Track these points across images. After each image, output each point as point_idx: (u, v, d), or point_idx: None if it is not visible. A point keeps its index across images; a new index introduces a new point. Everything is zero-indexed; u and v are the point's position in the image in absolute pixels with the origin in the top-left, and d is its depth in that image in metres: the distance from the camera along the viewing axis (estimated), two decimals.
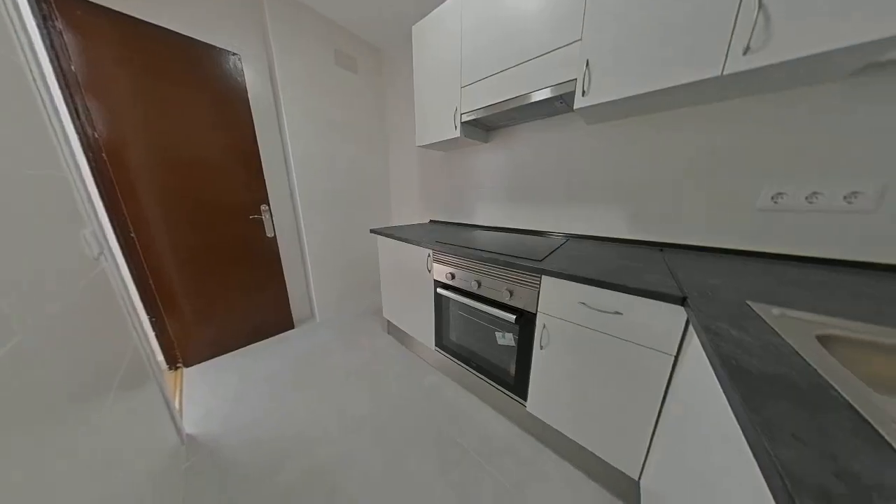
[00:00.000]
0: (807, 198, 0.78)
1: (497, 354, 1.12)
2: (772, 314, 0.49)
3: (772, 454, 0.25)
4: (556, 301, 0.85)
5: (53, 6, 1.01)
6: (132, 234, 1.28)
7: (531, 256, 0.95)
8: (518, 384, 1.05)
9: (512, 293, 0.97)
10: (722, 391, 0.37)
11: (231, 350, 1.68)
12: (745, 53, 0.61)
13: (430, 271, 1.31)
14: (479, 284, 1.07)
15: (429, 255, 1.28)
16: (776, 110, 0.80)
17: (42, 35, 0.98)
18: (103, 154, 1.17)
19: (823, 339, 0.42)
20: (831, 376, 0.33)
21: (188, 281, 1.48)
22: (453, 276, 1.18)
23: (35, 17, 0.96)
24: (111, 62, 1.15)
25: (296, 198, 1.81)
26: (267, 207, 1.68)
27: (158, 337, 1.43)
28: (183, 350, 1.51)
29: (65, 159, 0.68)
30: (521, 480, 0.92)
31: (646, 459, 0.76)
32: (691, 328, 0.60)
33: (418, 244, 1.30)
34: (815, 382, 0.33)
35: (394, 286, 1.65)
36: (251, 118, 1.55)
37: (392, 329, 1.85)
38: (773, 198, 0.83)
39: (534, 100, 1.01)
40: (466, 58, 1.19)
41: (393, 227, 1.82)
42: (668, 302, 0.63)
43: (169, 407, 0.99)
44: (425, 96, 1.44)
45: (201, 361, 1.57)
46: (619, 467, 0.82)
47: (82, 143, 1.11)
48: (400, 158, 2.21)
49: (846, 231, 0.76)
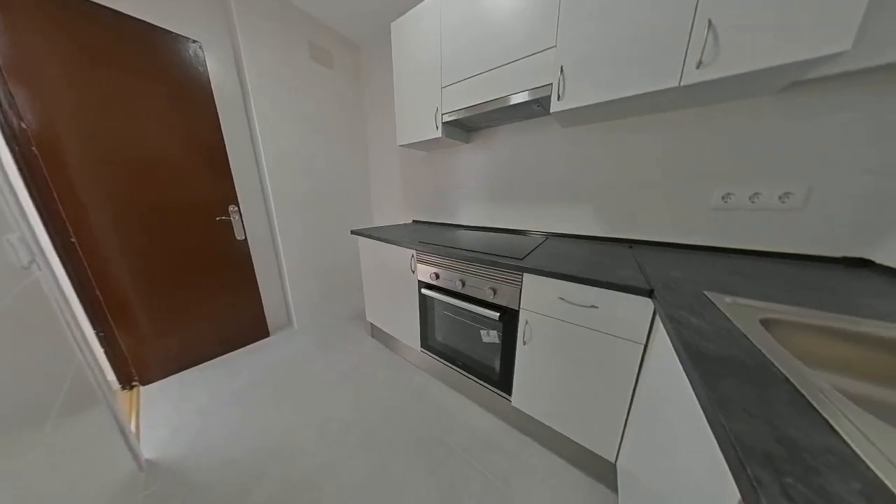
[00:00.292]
0: (750, 198, 0.88)
1: (482, 352, 1.14)
2: (724, 302, 0.54)
3: (726, 427, 0.27)
4: (538, 297, 0.88)
5: None
6: (72, 239, 1.14)
7: (513, 255, 0.97)
8: (503, 380, 1.07)
9: (495, 291, 0.99)
10: (684, 373, 0.41)
11: (198, 363, 1.55)
12: (698, 67, 0.68)
13: (413, 272, 1.30)
14: (464, 283, 1.09)
15: (412, 256, 1.27)
16: (724, 119, 0.89)
17: None
18: (33, 148, 1.02)
19: (765, 323, 0.48)
20: (772, 355, 0.38)
21: (145, 290, 1.34)
22: (437, 276, 1.18)
23: None
24: (42, 45, 1.01)
25: (269, 197, 1.71)
26: (236, 208, 1.57)
27: (108, 353, 1.28)
28: (139, 366, 1.36)
29: None
30: (508, 474, 0.94)
31: (621, 442, 0.82)
32: (658, 318, 0.65)
33: (401, 245, 1.29)
34: (759, 361, 0.37)
35: (377, 288, 1.61)
36: (216, 112, 1.43)
37: (376, 332, 1.81)
38: (723, 198, 0.93)
39: (513, 102, 1.04)
40: (446, 58, 1.20)
41: (375, 227, 1.78)
42: (638, 294, 0.68)
43: (123, 431, 0.89)
44: (405, 95, 1.43)
45: (163, 377, 1.43)
46: (597, 452, 0.87)
47: (4, 134, 0.97)
48: (381, 157, 2.16)
49: (781, 227, 0.87)
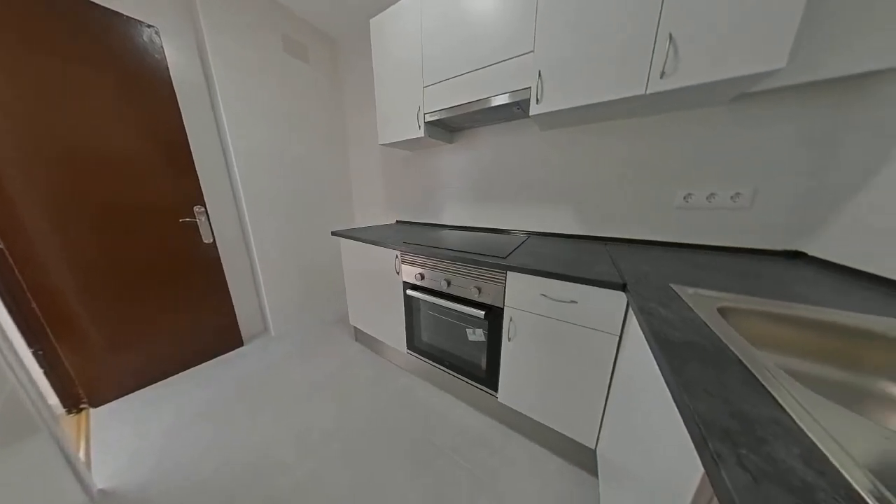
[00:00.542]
0: (707, 198, 0.97)
1: (468, 350, 1.15)
2: (687, 293, 0.59)
3: (691, 407, 0.30)
4: (521, 294, 0.91)
5: None
6: (0, 245, 1.00)
7: (497, 254, 0.99)
8: (489, 377, 1.09)
9: (480, 290, 1.00)
10: (654, 360, 0.44)
11: (162, 378, 1.42)
12: (661, 77, 0.74)
13: (398, 273, 1.28)
14: (449, 283, 1.09)
15: (396, 257, 1.25)
16: (684, 126, 0.97)
17: None
18: None
19: (722, 311, 0.53)
20: (728, 340, 0.42)
21: (95, 301, 1.20)
22: (423, 277, 1.18)
23: None
24: None
25: (240, 197, 1.60)
26: (202, 209, 1.45)
27: (49, 374, 1.14)
28: (88, 386, 1.22)
29: None
30: (495, 468, 0.96)
31: (600, 429, 0.86)
32: (630, 310, 0.69)
33: (385, 245, 1.26)
34: (717, 345, 0.41)
35: (360, 291, 1.57)
36: (176, 104, 1.32)
37: (360, 336, 1.76)
38: (685, 198, 1.01)
39: (494, 104, 1.06)
40: (428, 58, 1.19)
41: (357, 228, 1.73)
42: (612, 289, 0.72)
43: (70, 460, 0.79)
44: (386, 93, 1.41)
45: (120, 397, 1.30)
46: (578, 440, 0.91)
47: None
48: (362, 156, 2.11)
49: (733, 224, 0.96)
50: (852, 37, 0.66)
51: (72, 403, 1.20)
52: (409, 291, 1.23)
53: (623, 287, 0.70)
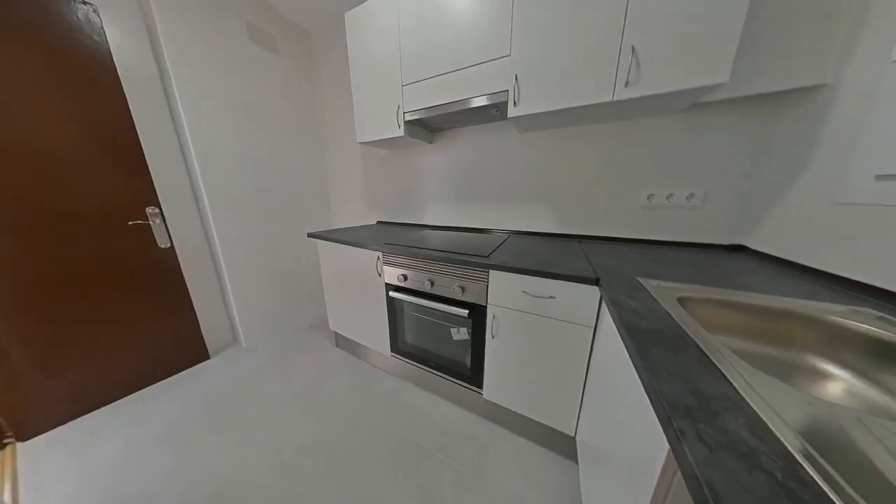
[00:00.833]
0: (667, 198, 1.07)
1: (453, 350, 1.16)
2: (651, 285, 0.64)
3: (656, 388, 0.33)
4: (503, 292, 0.93)
5: None
6: None
7: (479, 253, 1.01)
8: (474, 375, 1.10)
9: (464, 289, 1.01)
10: (624, 347, 0.47)
11: (108, 402, 1.26)
12: (626, 86, 0.80)
13: (380, 275, 1.25)
14: (433, 283, 1.09)
15: (378, 258, 1.23)
16: (647, 132, 1.06)
17: None
18: None
19: (681, 300, 0.58)
20: (686, 326, 0.46)
21: (20, 319, 1.04)
22: (406, 278, 1.16)
23: None
24: None
25: (202, 197, 1.48)
26: (157, 210, 1.32)
27: None
28: (14, 417, 1.06)
29: None
30: (481, 464, 0.97)
31: (579, 417, 0.91)
32: (603, 302, 0.74)
33: (366, 247, 1.23)
34: (677, 332, 0.45)
35: (340, 294, 1.52)
36: (122, 94, 1.18)
37: (341, 341, 1.70)
38: (648, 198, 1.10)
39: (473, 105, 1.07)
40: (407, 56, 1.18)
41: (335, 229, 1.67)
42: (587, 284, 0.77)
43: None
44: (364, 90, 1.37)
45: (54, 427, 1.14)
46: (559, 429, 0.96)
47: None
48: (339, 155, 2.04)
49: (689, 221, 1.06)
50: (777, 58, 0.76)
51: None
52: (392, 293, 1.21)
53: (596, 282, 0.74)
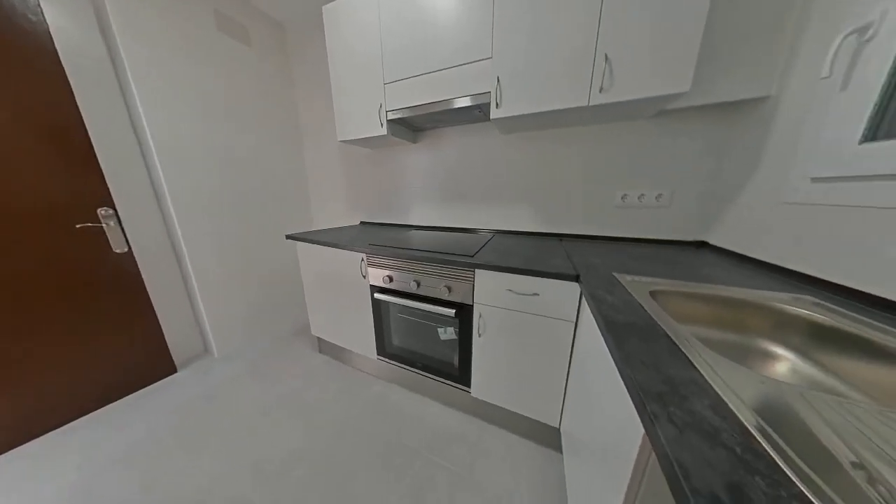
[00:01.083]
0: (639, 198, 1.14)
1: (440, 350, 1.16)
2: (626, 280, 0.68)
3: (632, 377, 0.35)
4: (489, 291, 0.94)
5: None
6: None
7: (465, 252, 1.02)
8: (462, 374, 1.11)
9: (450, 289, 1.02)
10: (603, 339, 0.50)
11: (56, 426, 1.13)
12: (600, 92, 0.84)
13: (365, 277, 1.22)
14: (419, 284, 1.08)
15: (363, 260, 1.20)
16: (621, 136, 1.12)
17: None
18: None
19: (653, 293, 0.62)
20: (657, 317, 0.50)
21: None
22: (391, 279, 1.15)
23: None
24: None
25: (164, 196, 1.36)
26: (111, 211, 1.20)
27: None
28: None
29: None
30: (471, 461, 0.98)
31: (562, 409, 0.95)
32: (583, 298, 0.78)
33: (350, 248, 1.20)
34: (649, 323, 0.48)
35: (322, 298, 1.46)
36: (66, 82, 1.06)
37: (325, 347, 1.64)
38: (622, 198, 1.16)
39: (456, 106, 1.08)
40: (388, 54, 1.16)
41: (316, 231, 1.61)
42: (568, 280, 0.80)
43: None
44: (344, 87, 1.33)
45: None
46: (544, 421, 0.99)
47: None
48: (319, 153, 1.96)
49: (658, 220, 1.14)
50: (731, 71, 0.83)
51: None
52: (377, 295, 1.19)
53: (577, 278, 0.78)
